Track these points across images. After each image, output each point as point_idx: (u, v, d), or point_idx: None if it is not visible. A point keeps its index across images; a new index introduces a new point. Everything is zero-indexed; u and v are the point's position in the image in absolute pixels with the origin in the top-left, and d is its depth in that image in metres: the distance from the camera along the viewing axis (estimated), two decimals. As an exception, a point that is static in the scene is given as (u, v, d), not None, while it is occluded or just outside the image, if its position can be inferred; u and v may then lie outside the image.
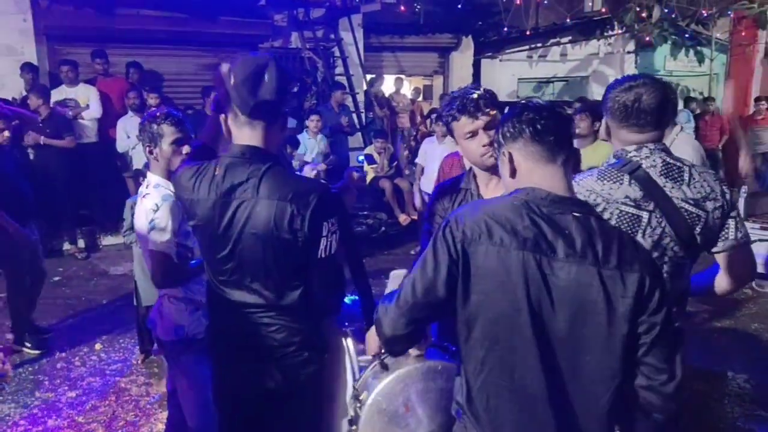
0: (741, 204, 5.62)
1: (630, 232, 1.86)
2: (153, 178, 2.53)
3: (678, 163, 1.94)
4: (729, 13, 11.84)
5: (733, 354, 4.56)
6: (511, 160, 1.57)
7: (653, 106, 1.92)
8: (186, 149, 2.51)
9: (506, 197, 1.55)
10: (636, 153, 1.95)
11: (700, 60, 12.22)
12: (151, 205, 2.39)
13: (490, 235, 1.45)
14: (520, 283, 1.43)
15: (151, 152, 2.53)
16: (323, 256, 1.89)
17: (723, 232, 1.94)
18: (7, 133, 4.32)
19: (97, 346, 4.62)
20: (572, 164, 1.57)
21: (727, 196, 1.94)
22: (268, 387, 1.98)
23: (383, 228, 7.85)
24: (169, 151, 2.51)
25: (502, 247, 1.44)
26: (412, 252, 6.94)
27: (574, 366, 1.46)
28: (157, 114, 2.55)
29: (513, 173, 1.57)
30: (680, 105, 10.45)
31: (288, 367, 1.97)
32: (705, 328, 4.93)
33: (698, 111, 11.04)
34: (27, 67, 7.30)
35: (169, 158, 2.51)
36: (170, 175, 2.48)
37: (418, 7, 11.39)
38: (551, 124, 1.52)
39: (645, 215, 1.88)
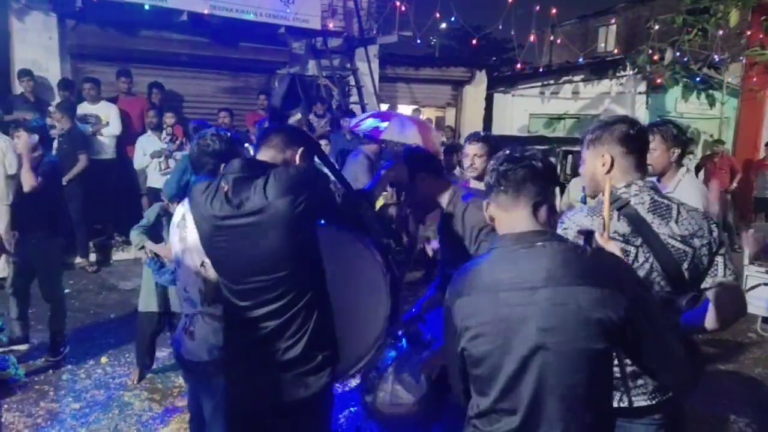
0: (746, 246, 5.64)
1: None
2: None
3: (666, 201, 2.02)
4: (741, 58, 11.99)
5: (736, 398, 4.54)
6: (489, 211, 1.72)
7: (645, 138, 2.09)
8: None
9: (487, 254, 1.67)
10: (625, 190, 2.03)
11: (712, 103, 12.30)
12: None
13: (473, 287, 1.60)
14: (507, 321, 1.54)
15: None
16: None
17: (712, 269, 2.00)
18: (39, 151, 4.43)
19: (103, 360, 4.67)
20: (547, 205, 1.66)
21: (715, 234, 2.00)
22: (284, 399, 2.05)
23: (390, 255, 7.88)
24: None
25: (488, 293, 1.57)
26: (418, 275, 6.92)
27: (564, 382, 1.53)
28: (215, 133, 2.58)
29: (491, 220, 1.73)
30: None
31: (302, 379, 2.03)
32: (708, 371, 4.91)
33: (708, 152, 11.08)
34: (63, 84, 7.53)
35: None
36: None
37: (434, 40, 11.65)
38: (517, 174, 1.63)
39: (633, 250, 1.95)
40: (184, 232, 2.54)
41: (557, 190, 8.24)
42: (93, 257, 7.33)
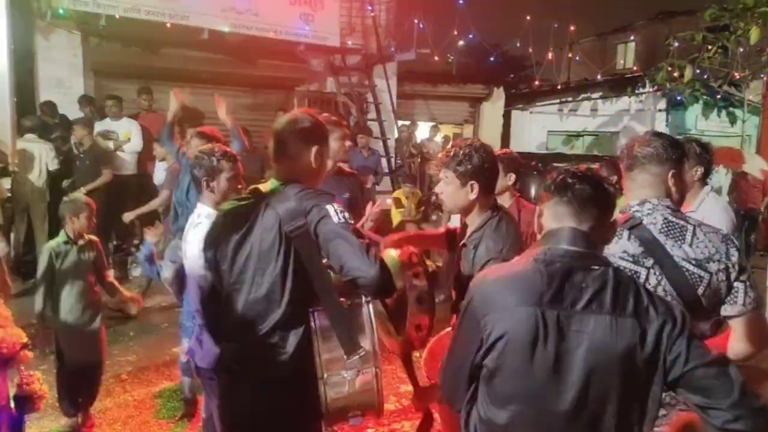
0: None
1: None
2: (204, 209, 2.67)
3: (681, 222, 1.93)
4: (762, 76, 11.86)
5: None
6: (540, 215, 1.67)
7: (653, 154, 2.00)
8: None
9: (526, 258, 1.61)
10: (639, 208, 1.97)
11: (732, 121, 12.20)
12: (203, 234, 2.49)
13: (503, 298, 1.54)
14: (537, 338, 1.48)
15: (208, 185, 2.64)
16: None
17: (731, 296, 1.91)
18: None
19: (123, 377, 4.68)
20: (603, 233, 1.62)
21: (734, 258, 1.90)
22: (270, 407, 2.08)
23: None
24: (226, 186, 2.63)
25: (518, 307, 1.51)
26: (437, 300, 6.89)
27: (595, 412, 1.49)
28: (216, 150, 2.68)
29: (539, 228, 1.67)
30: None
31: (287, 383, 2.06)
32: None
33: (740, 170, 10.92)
34: (84, 100, 7.65)
35: (225, 192, 2.63)
36: (219, 206, 2.62)
37: (452, 57, 11.66)
38: (585, 192, 1.58)
39: (643, 271, 1.88)
40: (185, 245, 2.66)
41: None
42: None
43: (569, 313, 1.48)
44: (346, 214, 1.98)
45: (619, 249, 1.90)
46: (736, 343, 1.96)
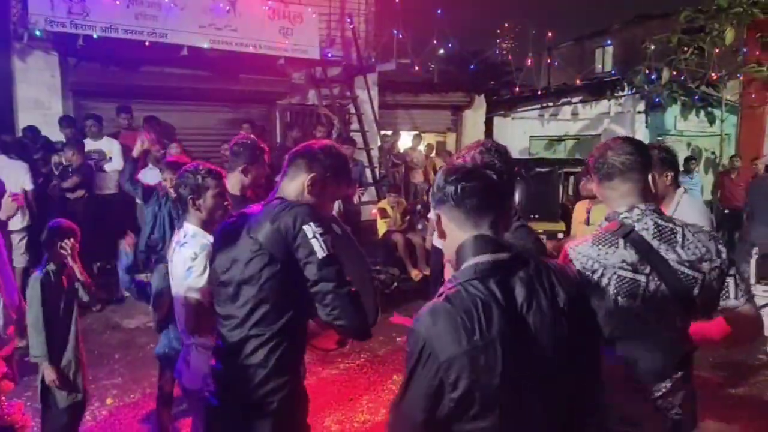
0: (752, 267, 5.60)
1: (629, 296, 1.88)
2: (190, 228, 2.64)
3: (670, 225, 1.95)
4: (738, 75, 12.04)
5: (747, 421, 4.46)
6: (438, 221, 1.61)
7: (625, 158, 2.01)
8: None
9: (454, 283, 1.51)
10: (628, 214, 1.97)
11: (711, 121, 12.34)
12: (189, 254, 2.49)
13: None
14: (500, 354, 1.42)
15: (194, 203, 2.63)
16: None
17: (723, 292, 1.94)
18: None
19: (108, 401, 4.63)
20: (503, 224, 1.60)
21: (723, 255, 1.93)
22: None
23: (395, 283, 7.86)
24: (212, 204, 2.62)
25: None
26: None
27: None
28: (200, 167, 2.66)
29: (442, 235, 1.61)
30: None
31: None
32: (719, 394, 4.84)
33: (725, 168, 11.05)
34: (65, 121, 7.59)
35: (212, 210, 2.62)
36: (205, 225, 2.61)
37: (432, 66, 11.73)
38: (475, 188, 1.53)
39: (642, 279, 1.88)
40: (170, 265, 2.67)
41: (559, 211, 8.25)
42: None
43: (519, 318, 1.46)
44: (327, 241, 1.97)
45: (618, 259, 1.89)
46: (728, 333, 1.99)
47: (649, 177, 2.04)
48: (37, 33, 7.56)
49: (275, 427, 2.05)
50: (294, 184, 2.15)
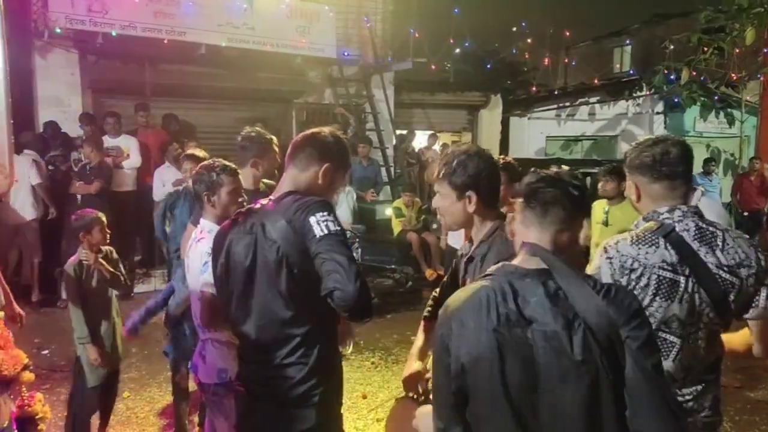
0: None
1: (668, 298, 1.84)
2: (207, 224, 2.67)
3: (711, 228, 1.91)
4: (758, 76, 11.88)
5: (766, 426, 4.41)
6: (511, 221, 1.68)
7: (680, 158, 1.94)
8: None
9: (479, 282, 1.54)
10: (669, 215, 1.93)
11: (730, 122, 12.19)
12: (206, 248, 2.50)
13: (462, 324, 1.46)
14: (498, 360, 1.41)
15: (209, 199, 2.65)
16: None
17: (755, 299, 1.90)
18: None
19: (125, 395, 4.67)
20: (568, 235, 1.53)
21: (762, 263, 1.89)
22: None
23: (410, 283, 7.85)
24: (227, 200, 2.64)
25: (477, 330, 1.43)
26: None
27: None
28: (215, 164, 2.68)
29: (511, 234, 1.67)
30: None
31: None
32: (735, 398, 4.78)
33: (744, 170, 10.90)
34: (86, 118, 7.66)
35: (226, 206, 2.63)
36: (221, 221, 2.61)
37: (449, 65, 11.68)
38: (549, 195, 1.53)
39: (682, 280, 1.84)
40: (187, 260, 2.70)
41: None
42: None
43: (524, 330, 1.41)
44: (330, 223, 1.93)
45: (659, 258, 1.85)
46: (754, 343, 1.97)
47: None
48: (58, 30, 7.65)
49: (318, 418, 2.04)
50: (305, 175, 2.11)
